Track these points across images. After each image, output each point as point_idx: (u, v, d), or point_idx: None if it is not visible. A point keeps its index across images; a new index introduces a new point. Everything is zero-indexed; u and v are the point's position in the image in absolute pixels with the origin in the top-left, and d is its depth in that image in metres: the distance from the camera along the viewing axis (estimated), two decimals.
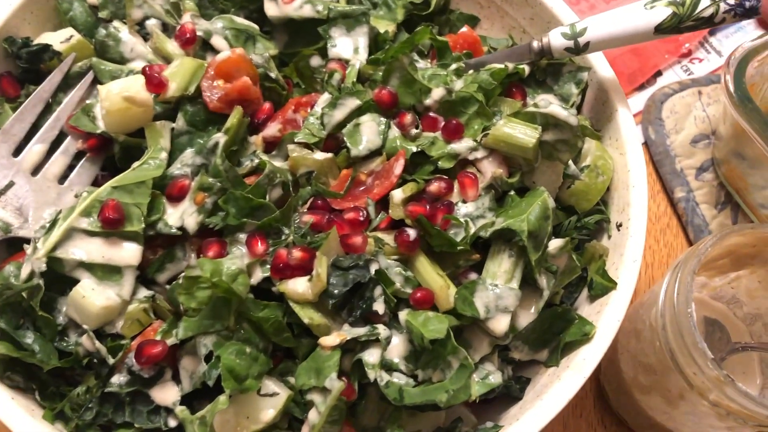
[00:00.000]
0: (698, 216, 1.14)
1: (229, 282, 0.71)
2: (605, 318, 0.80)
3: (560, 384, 0.76)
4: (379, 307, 0.75)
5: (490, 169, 0.84)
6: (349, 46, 0.93)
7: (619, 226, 0.86)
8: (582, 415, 1.02)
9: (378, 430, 0.77)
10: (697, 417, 0.84)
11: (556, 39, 0.87)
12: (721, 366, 0.74)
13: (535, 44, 0.88)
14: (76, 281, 0.77)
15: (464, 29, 1.00)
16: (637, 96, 1.25)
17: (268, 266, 0.77)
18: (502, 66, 0.88)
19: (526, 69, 0.91)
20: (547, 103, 0.84)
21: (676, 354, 0.79)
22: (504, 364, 0.83)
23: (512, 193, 0.83)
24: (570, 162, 0.86)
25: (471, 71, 0.90)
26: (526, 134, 0.82)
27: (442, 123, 0.87)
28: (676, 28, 0.83)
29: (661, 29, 0.83)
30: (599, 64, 0.92)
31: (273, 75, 0.89)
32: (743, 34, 1.30)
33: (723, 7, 0.80)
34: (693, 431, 0.89)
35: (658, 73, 1.27)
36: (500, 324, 0.76)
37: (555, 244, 0.80)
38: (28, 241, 0.82)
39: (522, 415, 0.75)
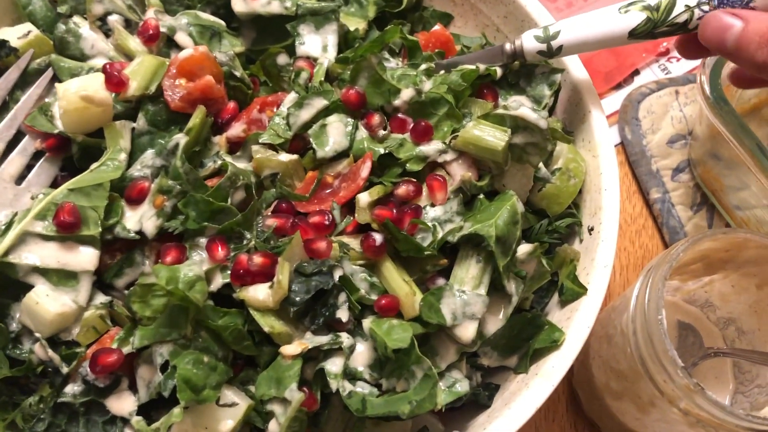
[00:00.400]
0: (674, 217, 1.13)
1: (185, 289, 0.69)
2: (575, 324, 0.78)
3: (528, 392, 0.75)
4: (343, 314, 0.73)
5: (459, 172, 0.82)
6: (317, 44, 0.91)
7: (590, 229, 0.84)
8: (554, 420, 1.01)
9: None
10: (668, 424, 0.83)
11: (528, 42, 0.85)
12: (694, 371, 0.74)
13: (508, 47, 0.86)
14: (30, 287, 0.74)
15: (437, 27, 0.98)
16: (614, 95, 1.24)
17: (229, 272, 0.74)
18: (473, 67, 0.86)
19: (498, 71, 0.89)
20: (518, 104, 0.82)
21: (647, 361, 0.78)
22: (473, 370, 0.82)
23: (481, 196, 0.82)
24: (541, 165, 0.85)
25: (442, 72, 0.88)
26: (495, 137, 0.80)
27: (411, 124, 0.85)
28: (650, 33, 0.81)
29: (635, 34, 0.82)
30: (573, 65, 0.91)
31: (238, 73, 0.86)
32: None
33: (697, 13, 0.79)
34: None
35: (636, 72, 1.26)
36: (467, 331, 0.74)
37: (524, 249, 0.79)
38: None
39: (489, 424, 0.74)
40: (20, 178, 0.85)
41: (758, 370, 0.91)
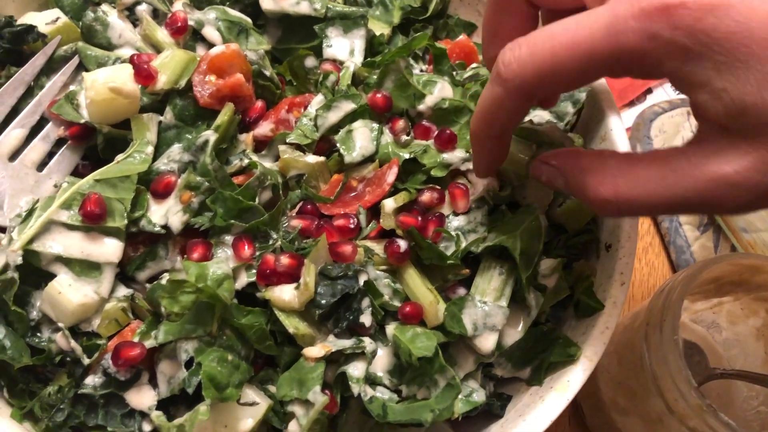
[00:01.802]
0: (681, 237, 1.15)
1: (214, 287, 0.69)
2: (591, 340, 0.79)
3: (543, 405, 0.76)
4: (366, 319, 0.73)
5: (482, 182, 0.83)
6: (345, 48, 0.91)
7: (608, 247, 0.85)
8: None
9: None
10: None
11: None
12: (702, 393, 0.75)
13: None
14: (52, 276, 0.74)
15: (461, 37, 0.99)
16: (626, 113, 1.25)
17: (254, 271, 0.75)
18: None
19: None
20: (542, 120, 0.83)
21: (659, 379, 0.79)
22: (486, 380, 0.83)
23: (504, 208, 0.82)
24: None
25: (467, 82, 0.89)
26: (519, 150, 0.81)
27: (435, 132, 0.85)
28: None
29: None
30: (597, 82, 0.92)
31: (267, 73, 0.87)
32: None
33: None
34: None
35: (649, 91, 1.28)
36: (488, 342, 0.75)
37: (547, 263, 0.79)
38: (1, 229, 0.79)
39: None
40: (42, 165, 0.84)
41: (762, 392, 0.93)
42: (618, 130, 0.89)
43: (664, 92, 1.27)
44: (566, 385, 0.77)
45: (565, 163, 0.64)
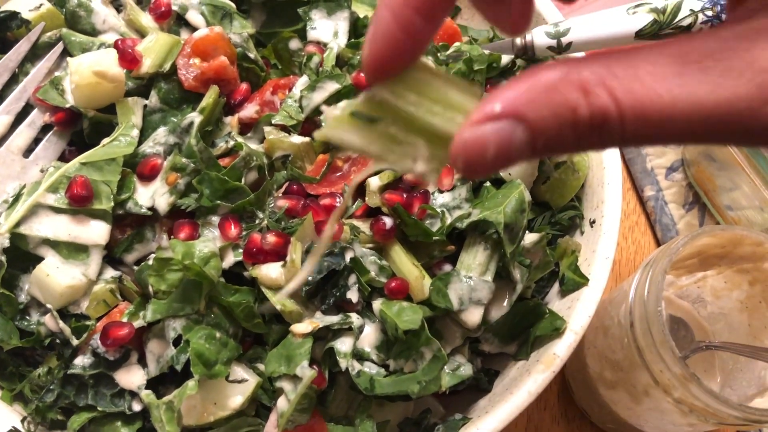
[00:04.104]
0: (666, 215, 1.16)
1: (201, 265, 0.69)
2: (576, 314, 0.80)
3: (530, 378, 0.76)
4: (353, 295, 0.74)
5: None
6: (329, 30, 0.92)
7: (592, 222, 0.86)
8: (546, 408, 1.03)
9: (346, 419, 0.76)
10: (660, 413, 0.85)
11: (539, 37, 0.86)
12: (685, 363, 0.76)
13: (519, 41, 0.87)
14: (40, 259, 0.75)
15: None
16: None
17: (241, 250, 0.75)
18: (479, 52, 0.87)
19: (503, 59, 0.90)
20: None
21: (644, 351, 0.80)
22: (474, 355, 0.83)
23: (488, 184, 0.83)
24: (546, 158, 0.86)
25: (449, 61, 0.89)
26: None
27: None
28: (655, 35, 0.83)
29: (641, 35, 0.84)
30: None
31: (252, 55, 0.87)
32: None
33: (701, 18, 0.81)
34: (655, 427, 0.90)
35: None
36: (473, 316, 0.76)
37: (530, 238, 0.80)
38: None
39: (491, 408, 0.75)
40: (28, 151, 0.84)
41: (746, 364, 0.94)
42: None
43: None
44: (552, 358, 0.78)
45: (517, 96, 0.36)
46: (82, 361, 0.74)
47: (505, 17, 0.45)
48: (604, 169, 0.87)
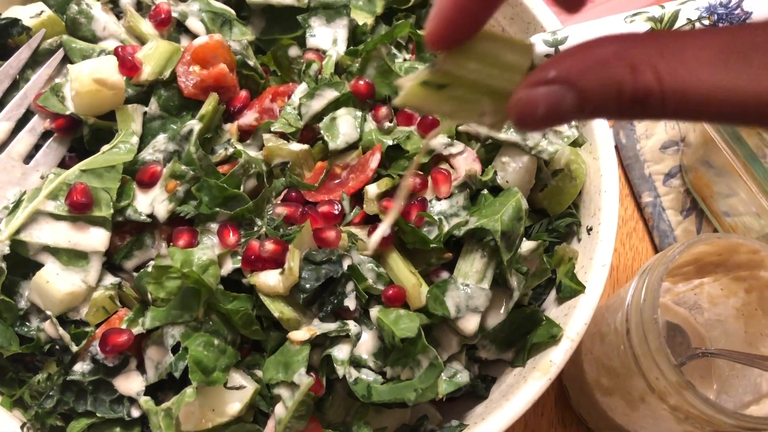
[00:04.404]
0: (664, 221, 1.16)
1: (199, 273, 0.70)
2: (573, 321, 0.80)
3: (526, 385, 0.77)
4: (351, 303, 0.74)
5: (463, 166, 0.84)
6: (328, 37, 0.92)
7: (589, 230, 0.87)
8: (543, 414, 1.04)
9: (344, 426, 0.77)
10: (656, 420, 0.85)
11: (537, 45, 0.87)
12: (681, 371, 0.76)
13: None
14: (40, 265, 0.75)
15: None
16: None
17: (239, 257, 0.76)
18: None
19: None
20: None
21: (640, 358, 0.80)
22: (471, 362, 0.84)
23: (485, 192, 0.84)
24: (543, 165, 0.87)
25: None
26: None
27: (418, 118, 0.87)
28: None
29: None
30: None
31: (251, 63, 0.88)
32: None
33: (698, 27, 0.82)
34: None
35: None
36: (470, 324, 0.76)
37: (527, 245, 0.81)
38: None
39: (488, 415, 0.76)
40: (28, 157, 0.85)
41: (742, 371, 0.94)
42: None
43: None
44: (549, 365, 0.78)
45: (571, 65, 0.41)
46: (81, 367, 0.74)
47: None
48: (601, 176, 0.87)
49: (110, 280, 0.78)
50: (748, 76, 0.38)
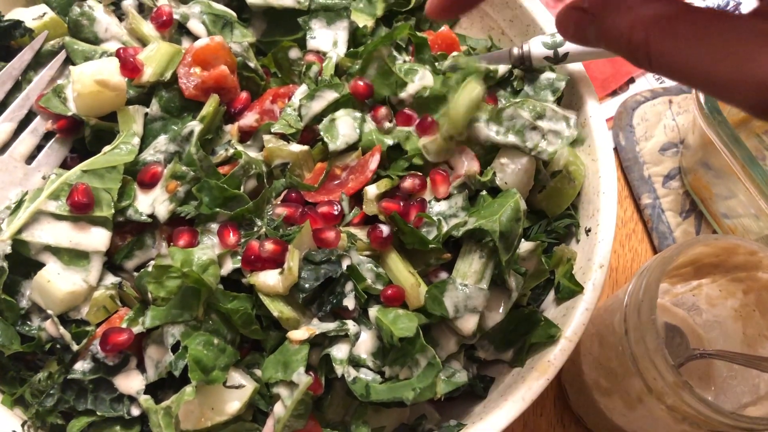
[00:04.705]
0: (663, 223, 1.16)
1: (199, 272, 0.70)
2: (571, 321, 0.81)
3: (525, 385, 0.77)
4: (350, 302, 0.75)
5: (463, 167, 0.85)
6: (328, 39, 0.93)
7: (588, 231, 0.87)
8: (542, 414, 1.04)
9: (342, 425, 0.77)
10: (654, 420, 0.86)
11: (536, 47, 0.87)
12: (679, 371, 0.76)
13: (516, 51, 0.89)
14: (41, 265, 0.76)
15: (443, 28, 1.00)
16: (609, 102, 1.27)
17: (239, 257, 0.76)
18: (475, 65, 0.88)
19: (500, 69, 0.92)
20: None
21: (638, 359, 0.80)
22: (469, 362, 0.84)
23: (484, 193, 0.84)
24: (542, 167, 0.87)
25: (447, 71, 0.90)
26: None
27: (417, 119, 0.87)
28: None
29: None
30: (577, 71, 0.93)
31: (252, 64, 0.88)
32: None
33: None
34: None
35: (631, 80, 1.29)
36: (468, 324, 0.76)
37: (525, 246, 0.81)
38: None
39: (486, 415, 0.76)
40: (30, 158, 0.86)
41: (740, 372, 0.94)
42: (596, 117, 0.91)
43: (647, 82, 1.29)
44: (547, 366, 0.79)
45: (598, 5, 0.50)
46: (82, 366, 0.74)
47: None
48: (599, 178, 0.88)
49: (111, 279, 0.78)
50: (724, 65, 0.43)
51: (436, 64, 0.92)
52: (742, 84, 0.43)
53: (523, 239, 0.83)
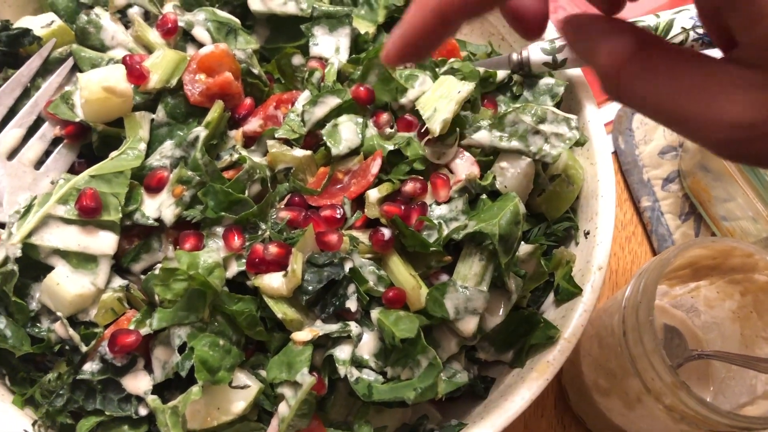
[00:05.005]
0: (663, 225, 1.18)
1: (205, 275, 0.72)
2: (570, 323, 0.82)
3: (524, 385, 0.79)
4: (352, 304, 0.76)
5: (462, 171, 0.86)
6: (330, 46, 0.94)
7: (586, 234, 0.89)
8: (543, 415, 1.05)
9: (345, 425, 0.79)
10: (653, 420, 0.87)
11: (535, 53, 0.89)
12: (678, 372, 0.78)
13: (515, 56, 0.90)
14: (50, 268, 0.77)
15: None
16: (608, 106, 1.28)
17: (244, 260, 0.78)
18: (471, 68, 0.90)
19: (499, 75, 0.93)
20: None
21: (636, 359, 0.82)
22: (470, 363, 0.86)
23: (484, 197, 0.85)
24: (540, 170, 0.89)
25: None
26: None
27: (418, 125, 0.89)
28: None
29: None
30: (575, 76, 0.95)
31: (255, 71, 0.90)
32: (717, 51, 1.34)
33: (692, 35, 0.84)
34: None
35: None
36: (469, 325, 0.78)
37: (525, 249, 0.83)
38: (1, 225, 0.82)
39: (487, 414, 0.78)
40: (39, 163, 0.87)
41: (738, 372, 0.95)
42: (595, 122, 0.92)
43: None
44: (546, 366, 0.80)
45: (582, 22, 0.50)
46: (90, 366, 0.76)
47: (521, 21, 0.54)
48: (598, 181, 0.89)
49: (118, 282, 0.80)
50: (696, 101, 0.44)
51: (437, 69, 0.93)
52: (711, 123, 0.44)
53: (522, 242, 0.84)
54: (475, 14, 0.49)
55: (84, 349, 0.76)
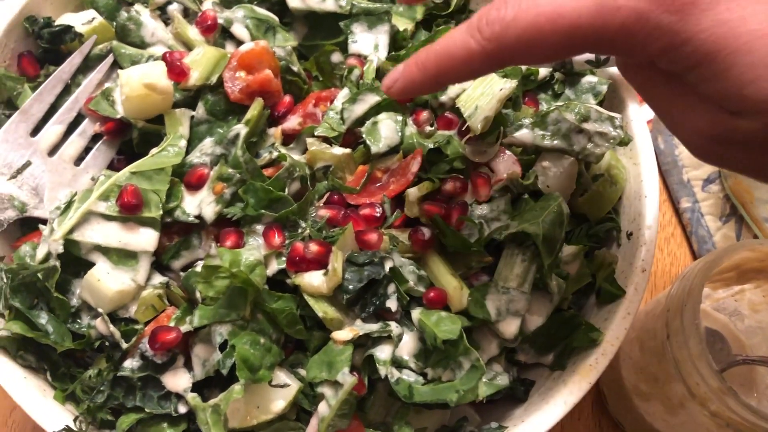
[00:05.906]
0: (703, 227, 1.15)
1: (247, 272, 0.72)
2: (613, 325, 0.81)
3: (566, 388, 0.78)
4: (392, 304, 0.75)
5: (503, 170, 0.85)
6: (369, 43, 0.94)
7: (629, 235, 0.87)
8: (580, 419, 1.04)
9: (384, 426, 0.78)
10: (696, 425, 0.85)
11: None
12: (722, 376, 0.76)
13: None
14: (91, 264, 0.78)
15: None
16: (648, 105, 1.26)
17: (284, 258, 0.77)
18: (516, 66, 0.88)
19: (541, 72, 0.92)
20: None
21: (680, 364, 0.80)
22: (510, 365, 0.84)
23: (526, 196, 0.84)
24: (583, 170, 0.87)
25: None
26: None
27: (458, 122, 0.87)
28: None
29: None
30: (617, 74, 0.93)
31: (295, 68, 0.89)
32: None
33: None
34: None
35: None
36: (510, 327, 0.77)
37: (568, 250, 0.81)
38: (41, 221, 0.82)
39: (527, 417, 0.77)
40: (79, 160, 0.88)
41: None
42: (638, 121, 0.91)
43: None
44: (588, 369, 0.79)
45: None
46: (130, 363, 0.76)
47: None
48: (641, 182, 0.87)
49: (158, 279, 0.80)
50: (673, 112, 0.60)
51: None
52: (683, 128, 0.57)
53: (564, 243, 0.83)
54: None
55: (124, 345, 0.76)
